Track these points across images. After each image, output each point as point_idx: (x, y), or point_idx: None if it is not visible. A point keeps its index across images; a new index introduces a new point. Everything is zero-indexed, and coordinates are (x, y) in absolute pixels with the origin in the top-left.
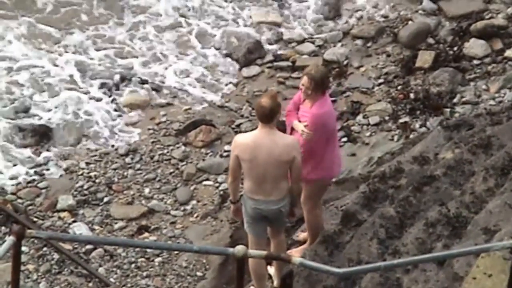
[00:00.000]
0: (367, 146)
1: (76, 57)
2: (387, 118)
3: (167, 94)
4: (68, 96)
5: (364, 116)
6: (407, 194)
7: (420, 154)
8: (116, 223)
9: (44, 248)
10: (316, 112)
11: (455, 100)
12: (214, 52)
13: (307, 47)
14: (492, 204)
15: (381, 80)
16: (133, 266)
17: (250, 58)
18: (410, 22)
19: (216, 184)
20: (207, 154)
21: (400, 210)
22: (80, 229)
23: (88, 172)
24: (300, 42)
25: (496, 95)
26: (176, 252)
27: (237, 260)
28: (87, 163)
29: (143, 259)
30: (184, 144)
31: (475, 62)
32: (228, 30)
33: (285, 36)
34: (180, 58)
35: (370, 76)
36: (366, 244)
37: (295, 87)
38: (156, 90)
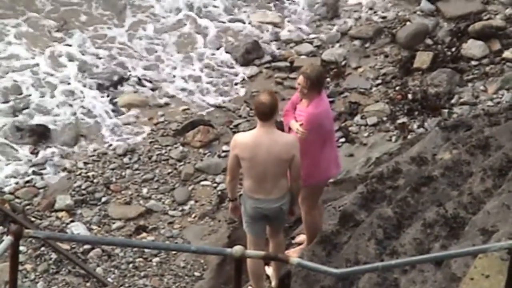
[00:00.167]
0: (365, 147)
1: (75, 56)
2: (385, 118)
3: (165, 94)
4: (66, 95)
5: (362, 117)
6: (405, 194)
7: (418, 154)
8: (114, 223)
9: (42, 248)
10: (312, 111)
11: (453, 101)
12: (212, 52)
13: (305, 47)
14: (489, 205)
15: (379, 81)
16: (131, 266)
17: (248, 58)
18: (408, 23)
19: (214, 184)
20: (205, 154)
21: (398, 210)
22: (78, 229)
23: (86, 172)
24: (298, 43)
25: (494, 96)
26: (174, 252)
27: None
28: (85, 163)
29: (141, 259)
30: (182, 144)
31: (473, 63)
32: (226, 30)
33: (283, 37)
34: (178, 58)
35: (368, 76)
36: (364, 244)
37: (293, 88)
38: (154, 90)
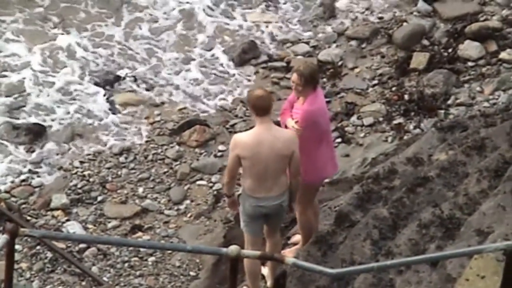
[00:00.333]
0: (361, 147)
1: (72, 55)
2: (381, 119)
3: (161, 94)
4: (63, 94)
5: (358, 117)
6: (400, 195)
7: (414, 155)
8: (109, 222)
9: (38, 247)
10: (306, 108)
11: (449, 102)
12: (208, 52)
13: (302, 47)
14: (485, 205)
15: (375, 81)
16: (126, 265)
17: (244, 58)
18: (404, 24)
19: (210, 184)
20: (201, 154)
21: (393, 211)
22: (73, 228)
23: (82, 171)
24: (295, 43)
25: (490, 97)
26: (169, 251)
27: (230, 260)
28: (81, 162)
29: (136, 259)
30: (178, 144)
31: (470, 64)
32: (223, 30)
33: (279, 37)
34: (174, 57)
35: (365, 77)
36: (359, 244)
37: (289, 88)
38: (150, 90)
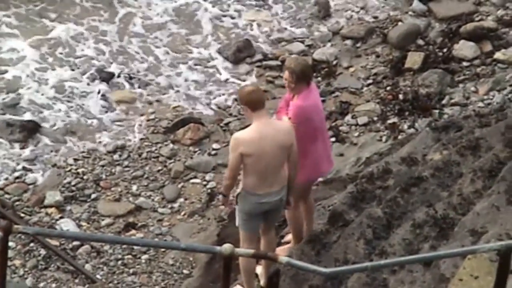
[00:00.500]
0: (355, 147)
1: (67, 52)
2: (375, 118)
3: (156, 92)
4: (57, 91)
5: (353, 117)
6: (394, 194)
7: (408, 155)
8: (103, 220)
9: (31, 244)
10: (299, 104)
11: (444, 102)
12: (203, 50)
13: (297, 46)
14: (479, 206)
15: (370, 81)
16: (119, 263)
17: (239, 57)
18: (400, 23)
19: (204, 182)
20: (195, 152)
21: (387, 210)
22: (67, 225)
23: (76, 169)
24: (290, 42)
25: (485, 97)
26: (162, 249)
27: (224, 258)
28: (75, 159)
29: (129, 256)
30: (172, 142)
31: (465, 64)
32: (218, 29)
33: (274, 36)
34: (169, 55)
35: (359, 76)
36: (353, 244)
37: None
38: (145, 87)
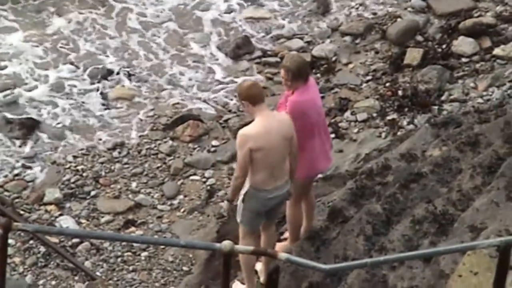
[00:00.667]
0: (354, 143)
1: (65, 47)
2: (375, 115)
3: (155, 89)
4: (55, 89)
5: (352, 113)
6: (394, 191)
7: (407, 151)
8: (102, 217)
9: (31, 241)
10: (294, 99)
11: (443, 98)
12: (202, 47)
13: (296, 43)
14: (478, 202)
15: (369, 77)
16: (119, 260)
17: (238, 54)
18: (399, 19)
19: (203, 179)
20: (194, 149)
21: (387, 207)
22: (66, 222)
23: (75, 166)
24: (289, 38)
25: (484, 93)
26: (162, 246)
27: (223, 255)
28: (74, 157)
29: (129, 253)
30: (172, 139)
31: (464, 60)
32: (217, 25)
33: (274, 32)
34: (168, 52)
35: (358, 72)
36: (352, 240)
37: None
38: (144, 84)
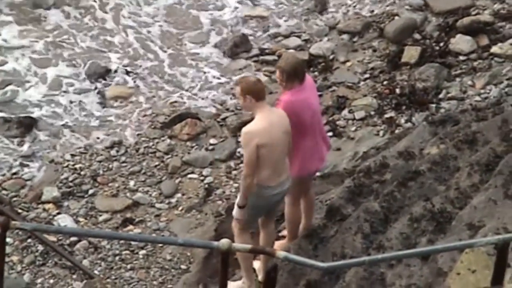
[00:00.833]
0: (352, 141)
1: (63, 47)
2: (372, 113)
3: (153, 87)
4: (53, 87)
5: (350, 111)
6: (392, 189)
7: (405, 149)
8: (100, 216)
9: (29, 240)
10: (286, 98)
11: (440, 96)
12: (200, 45)
13: (293, 41)
14: (476, 199)
15: (367, 75)
16: (117, 258)
17: (236, 52)
18: (396, 17)
19: (201, 178)
20: (192, 147)
21: (384, 205)
22: (64, 221)
23: (73, 164)
24: (286, 37)
25: (482, 91)
26: (160, 245)
27: (221, 254)
28: (72, 155)
29: (127, 252)
30: (170, 137)
31: (461, 58)
32: (214, 23)
33: (271, 30)
34: (166, 50)
35: (356, 71)
36: (350, 238)
37: None
38: (142, 83)
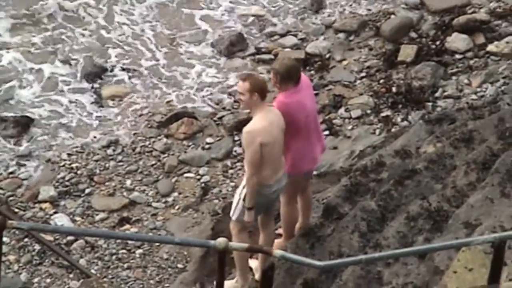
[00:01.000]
0: (348, 140)
1: (60, 45)
2: (369, 111)
3: (149, 86)
4: (50, 86)
5: (346, 110)
6: (388, 187)
7: (401, 147)
8: (97, 215)
9: (25, 239)
10: (280, 100)
11: (437, 94)
12: (196, 44)
13: (290, 40)
14: (473, 198)
15: (363, 74)
16: (114, 257)
17: (232, 51)
18: (392, 16)
19: (198, 177)
20: (189, 146)
21: (381, 203)
22: (61, 220)
23: (70, 163)
24: (283, 35)
25: (478, 89)
26: (157, 244)
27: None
28: (69, 154)
29: (124, 251)
30: (166, 136)
31: (457, 56)
32: (210, 22)
33: (267, 29)
34: (162, 49)
35: (352, 69)
36: (347, 237)
37: None
38: (138, 82)
